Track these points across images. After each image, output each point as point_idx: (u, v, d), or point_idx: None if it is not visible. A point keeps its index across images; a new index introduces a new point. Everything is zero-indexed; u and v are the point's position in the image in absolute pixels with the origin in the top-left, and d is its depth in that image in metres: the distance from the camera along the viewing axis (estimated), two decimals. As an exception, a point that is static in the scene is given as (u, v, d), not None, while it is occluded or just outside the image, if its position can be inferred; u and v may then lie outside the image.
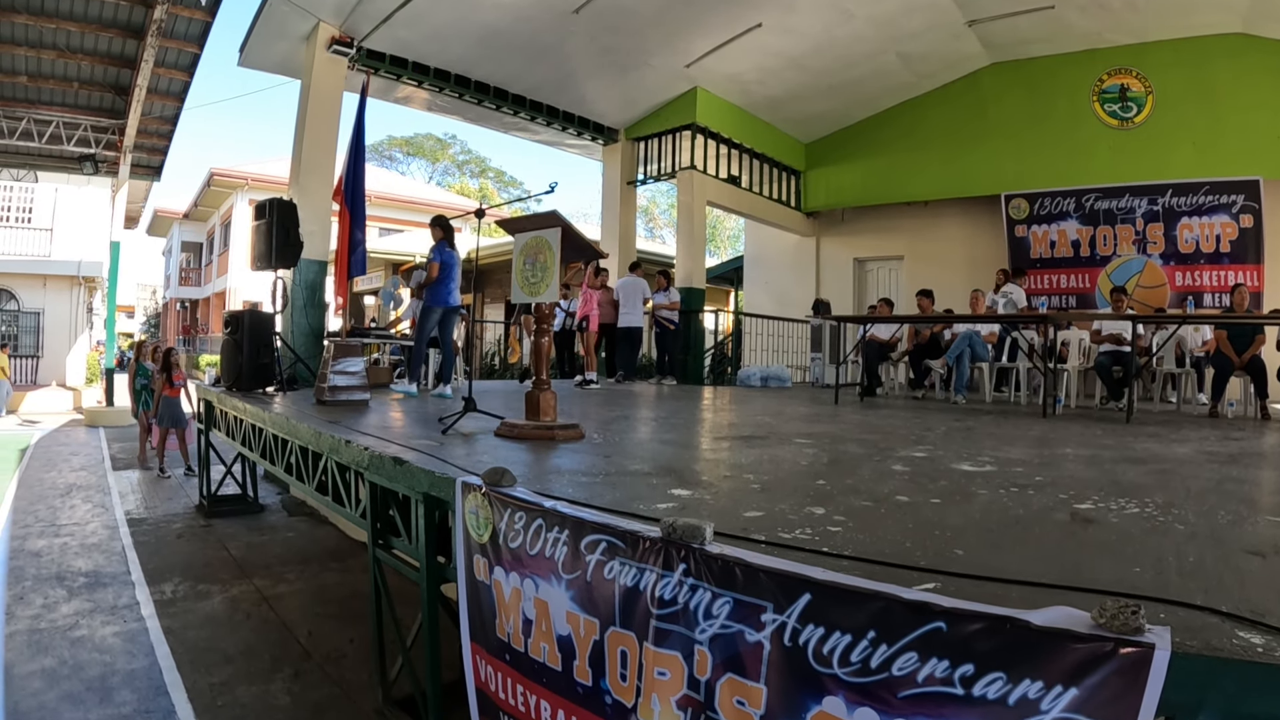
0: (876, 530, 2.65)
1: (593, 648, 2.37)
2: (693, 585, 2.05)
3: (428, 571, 3.52)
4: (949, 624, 1.62)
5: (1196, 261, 13.51)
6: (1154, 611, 1.74)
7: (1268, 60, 12.94)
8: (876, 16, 13.04)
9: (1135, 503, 3.26)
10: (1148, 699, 1.43)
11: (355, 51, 11.46)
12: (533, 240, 4.84)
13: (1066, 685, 1.50)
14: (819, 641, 1.79)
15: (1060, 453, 5.10)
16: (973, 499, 3.28)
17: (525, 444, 4.58)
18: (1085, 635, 1.50)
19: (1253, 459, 5.27)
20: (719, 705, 2.00)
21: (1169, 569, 2.27)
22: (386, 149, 50.64)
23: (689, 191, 15.00)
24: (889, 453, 4.75)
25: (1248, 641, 1.61)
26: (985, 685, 1.57)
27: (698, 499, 3.07)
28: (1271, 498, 3.75)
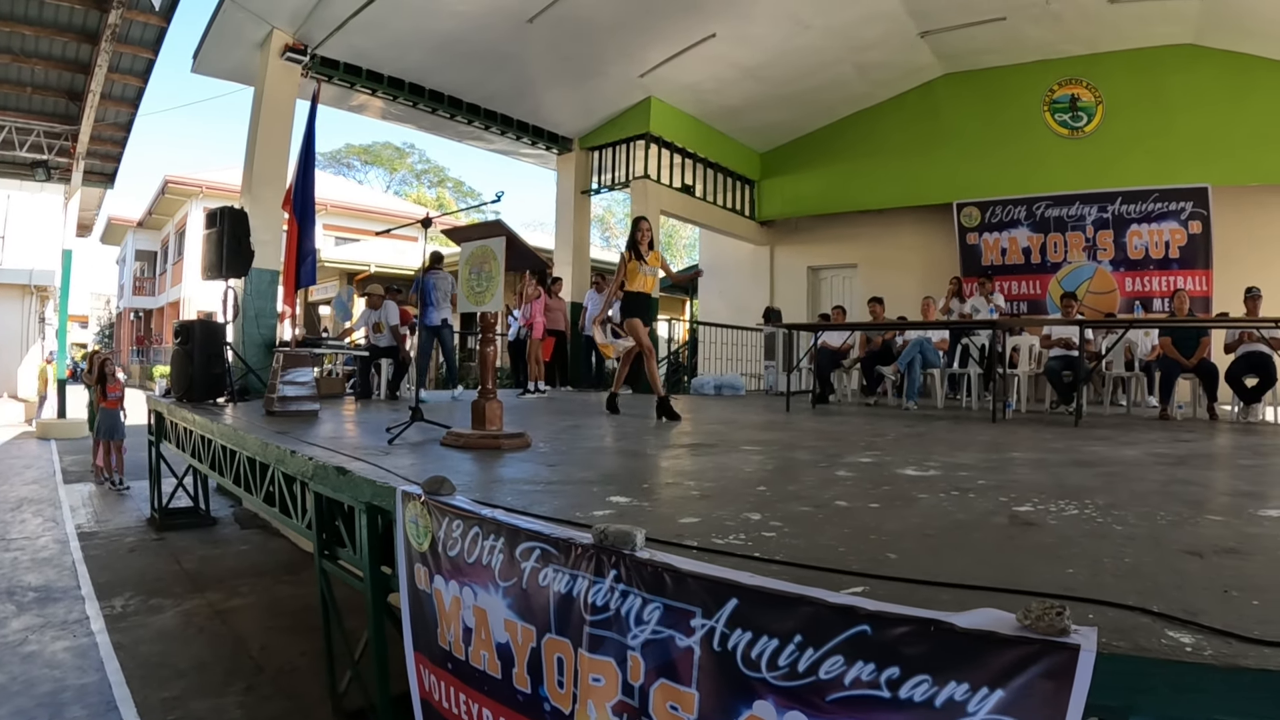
0: (812, 535, 2.67)
1: (530, 655, 2.37)
2: (624, 591, 2.06)
3: (372, 582, 3.50)
4: (874, 627, 1.62)
5: (1146, 267, 13.82)
6: (1083, 612, 1.77)
7: (1217, 70, 13.31)
8: (832, 27, 13.21)
9: (1076, 505, 3.30)
10: (1075, 699, 1.44)
11: (309, 59, 11.41)
12: (478, 250, 4.86)
13: (993, 687, 1.50)
14: (747, 646, 1.80)
15: (1007, 457, 5.15)
16: (914, 504, 3.31)
17: (471, 453, 4.58)
18: (1011, 637, 1.50)
19: (1200, 460, 5.35)
20: (653, 710, 2.00)
21: (1104, 570, 2.30)
22: (344, 156, 50.49)
23: (642, 201, 15.06)
24: (836, 459, 4.78)
25: (1177, 641, 1.63)
26: (912, 688, 1.57)
27: (636, 506, 3.09)
28: (1216, 498, 3.83)
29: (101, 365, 12.02)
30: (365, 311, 11.26)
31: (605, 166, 15.99)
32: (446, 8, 11.19)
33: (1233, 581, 2.17)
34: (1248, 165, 13.19)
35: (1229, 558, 2.46)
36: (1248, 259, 12.83)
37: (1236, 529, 2.91)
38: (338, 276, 22.69)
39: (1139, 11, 12.76)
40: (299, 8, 10.77)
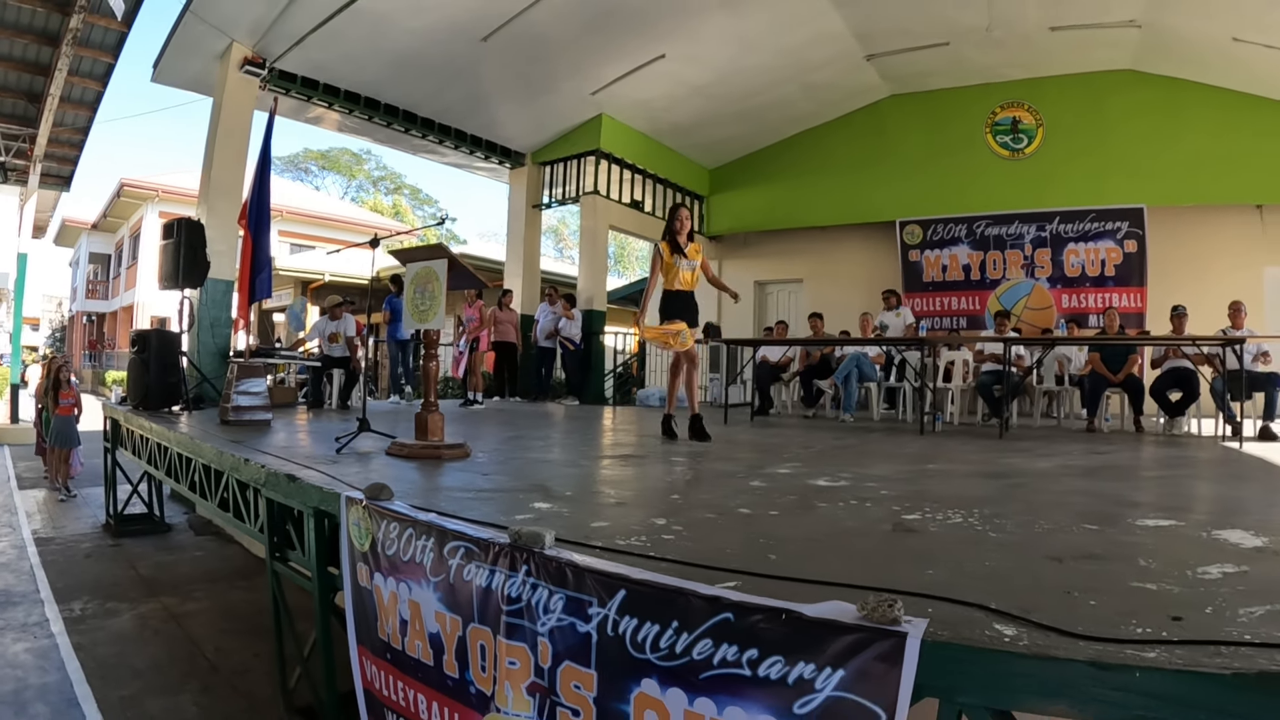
0: (708, 539, 2.96)
1: (458, 643, 2.65)
2: (534, 584, 2.36)
3: (319, 581, 3.76)
4: (736, 615, 1.91)
5: (1082, 285, 14.25)
6: (924, 607, 1.98)
7: (1155, 95, 13.77)
8: (779, 48, 13.48)
9: (964, 514, 3.56)
10: (904, 679, 1.69)
11: (267, 72, 11.57)
12: (423, 270, 5.17)
13: (835, 667, 1.75)
14: (634, 631, 2.08)
15: (922, 468, 5.47)
16: (811, 511, 3.60)
17: (414, 462, 4.88)
18: (850, 625, 1.76)
19: (1108, 472, 5.64)
20: (560, 690, 2.29)
21: (963, 572, 2.55)
22: (302, 161, 50.25)
23: (592, 216, 15.33)
24: (755, 470, 5.09)
25: (999, 633, 1.86)
26: (768, 667, 1.84)
27: (555, 511, 3.39)
28: (1103, 508, 4.00)
29: (56, 372, 11.96)
30: (320, 321, 11.42)
31: (557, 181, 16.16)
32: (402, 24, 11.38)
33: (1081, 584, 2.40)
34: (1182, 186, 13.65)
35: (1087, 563, 2.72)
36: (1181, 277, 13.25)
37: (1109, 537, 3.17)
38: (292, 285, 22.66)
39: (1080, 38, 13.17)
40: (258, 21, 10.93)
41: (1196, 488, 5.21)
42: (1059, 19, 12.68)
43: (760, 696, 1.86)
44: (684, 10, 12.08)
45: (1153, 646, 1.77)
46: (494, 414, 10.54)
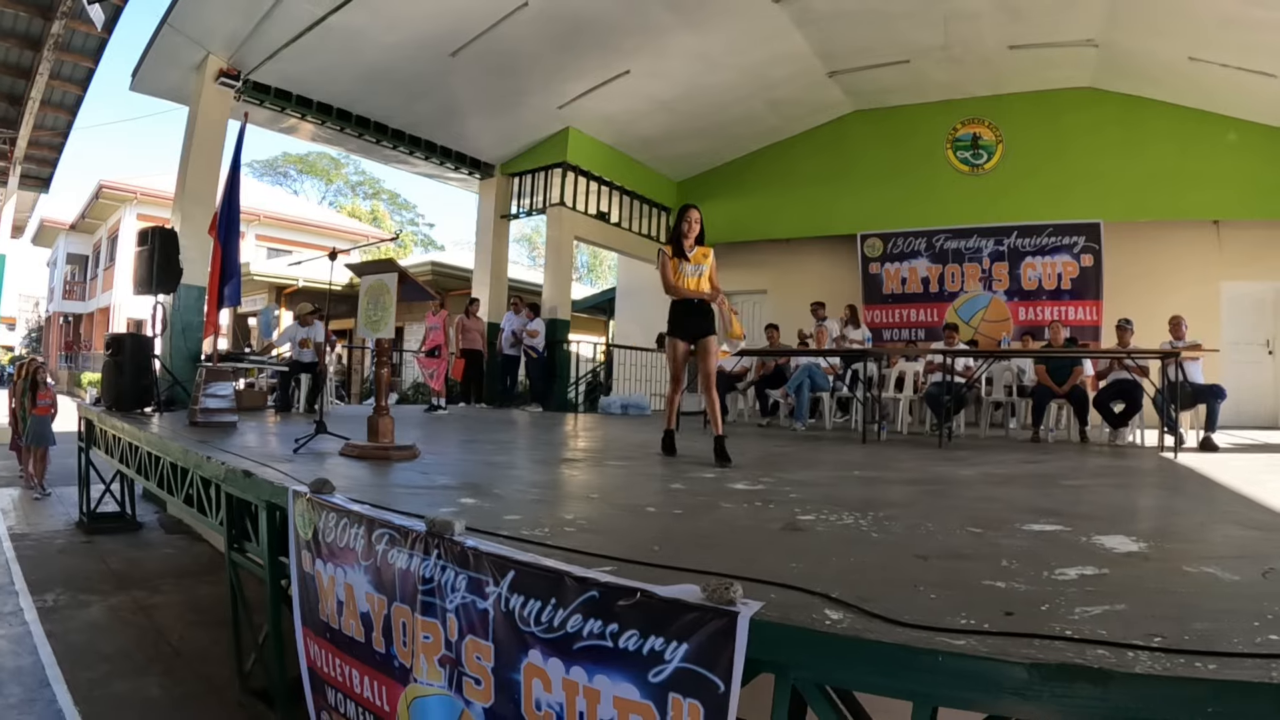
0: (606, 532, 3.29)
1: (384, 621, 2.99)
2: (443, 566, 2.70)
3: (271, 569, 4.10)
4: (602, 594, 2.22)
5: (1039, 298, 14.56)
6: (768, 593, 2.21)
7: (1114, 112, 14.17)
8: (742, 65, 13.81)
9: (857, 516, 3.78)
10: (737, 653, 1.92)
11: (242, 84, 11.87)
12: (375, 283, 5.56)
13: (681, 641, 2.02)
14: (521, 607, 2.41)
15: (847, 474, 5.78)
16: (714, 511, 3.93)
17: (364, 462, 5.25)
18: (694, 604, 2.01)
19: (1027, 480, 5.90)
20: (465, 661, 2.62)
21: (828, 565, 2.77)
22: (280, 165, 50.16)
23: (557, 227, 15.61)
24: (682, 474, 5.42)
25: (826, 617, 2.06)
26: (626, 640, 2.12)
27: (478, 505, 3.73)
28: (1000, 513, 4.14)
29: (34, 373, 12.20)
30: (291, 327, 11.72)
31: (525, 192, 16.40)
32: (373, 39, 11.68)
33: (933, 580, 2.60)
34: (1139, 202, 14.04)
35: (951, 561, 2.91)
36: (1139, 291, 13.58)
37: (987, 539, 3.34)
38: (266, 289, 22.88)
39: (1039, 56, 13.51)
40: (234, 34, 11.24)
41: (1106, 496, 5.30)
42: (1017, 38, 13.00)
43: (621, 666, 2.14)
44: (647, 29, 12.39)
45: (965, 635, 1.94)
46: (456, 420, 10.84)
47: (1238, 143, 13.49)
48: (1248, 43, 11.37)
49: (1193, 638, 1.93)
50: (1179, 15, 11.36)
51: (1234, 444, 9.84)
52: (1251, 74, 12.06)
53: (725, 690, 1.96)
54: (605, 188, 16.78)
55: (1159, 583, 2.66)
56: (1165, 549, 3.26)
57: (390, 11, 11.08)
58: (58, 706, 4.73)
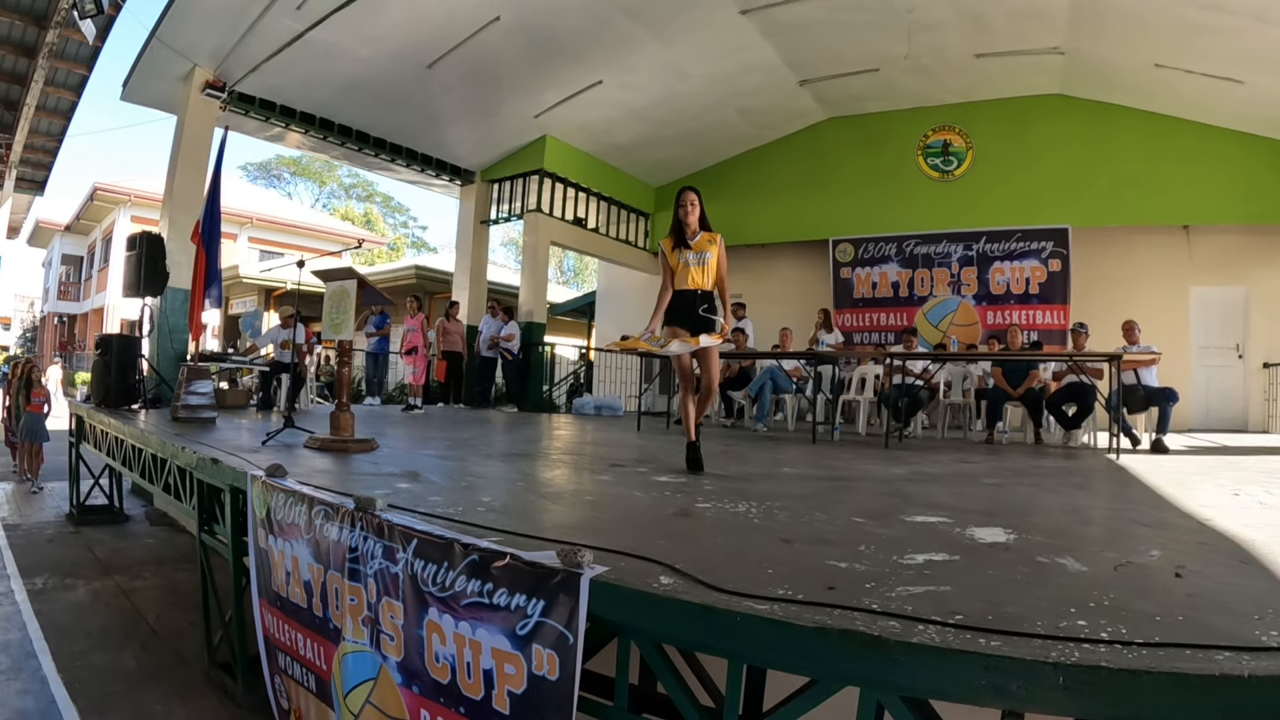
0: (513, 513, 3.64)
1: (321, 588, 3.42)
2: (365, 537, 3.14)
3: (234, 547, 4.53)
4: (480, 558, 2.65)
5: (1007, 302, 14.81)
6: (617, 561, 2.55)
7: (1082, 119, 14.40)
8: (713, 75, 14.12)
9: (755, 505, 4.02)
10: (581, 608, 2.32)
11: (227, 94, 12.30)
12: (337, 289, 6.05)
13: (539, 598, 2.42)
14: (422, 570, 2.83)
15: (774, 471, 6.03)
16: (624, 500, 4.26)
17: (325, 454, 5.71)
18: (550, 567, 2.42)
19: (949, 478, 5.91)
20: (382, 620, 3.04)
21: (692, 544, 3.02)
22: (274, 168, 50.14)
23: (534, 232, 15.88)
24: (617, 467, 5.83)
25: (660, 582, 2.34)
26: (499, 597, 2.53)
27: (410, 489, 4.16)
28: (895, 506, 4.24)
29: (28, 371, 12.64)
30: (274, 329, 12.16)
31: (504, 198, 16.70)
32: (351, 53, 12.07)
33: (782, 559, 2.82)
34: (1107, 208, 14.24)
35: (812, 545, 3.09)
36: (1110, 296, 13.86)
37: (863, 528, 3.49)
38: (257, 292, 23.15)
39: (1007, 64, 13.73)
40: (219, 47, 11.68)
41: (1016, 494, 5.19)
42: (983, 47, 13.23)
43: (496, 620, 2.53)
44: (615, 41, 12.71)
45: (769, 603, 2.15)
46: (429, 419, 11.21)
47: (1206, 148, 13.68)
48: (1212, 49, 11.57)
49: (996, 618, 2.06)
50: (1142, 23, 11.55)
51: (1189, 446, 10.06)
52: (1217, 80, 12.25)
53: (574, 642, 2.33)
54: (582, 194, 17.09)
55: (1001, 570, 2.76)
56: (1033, 541, 3.33)
57: (366, 26, 11.43)
58: (42, 674, 5.18)
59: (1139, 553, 3.12)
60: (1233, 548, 3.31)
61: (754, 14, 12.35)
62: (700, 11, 12.26)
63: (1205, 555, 3.18)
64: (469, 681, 2.65)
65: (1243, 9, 10.38)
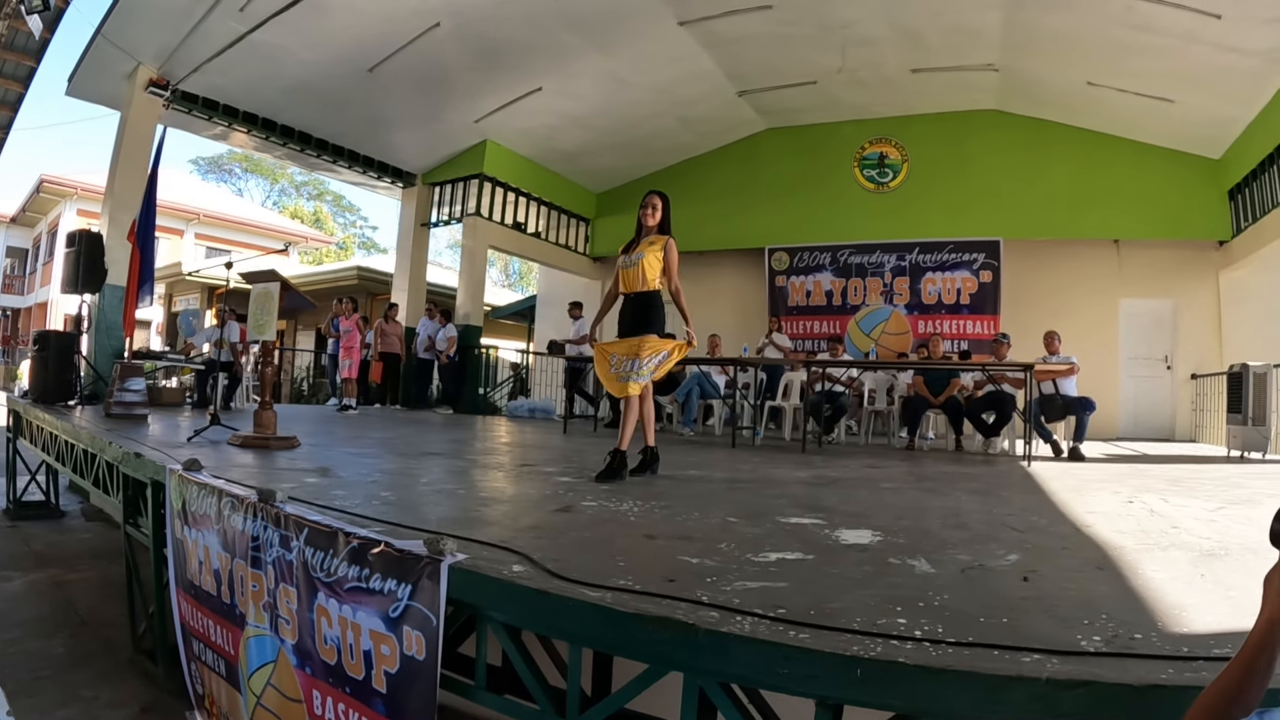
0: (406, 507, 3.89)
1: (229, 575, 3.64)
2: (265, 526, 3.36)
3: (155, 538, 4.72)
4: (359, 545, 2.86)
5: (939, 312, 15.16)
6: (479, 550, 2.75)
7: (1016, 134, 14.81)
8: (653, 84, 14.33)
9: (638, 504, 4.20)
10: (441, 592, 2.52)
11: (170, 93, 12.37)
12: (261, 291, 6.30)
13: (407, 582, 2.62)
14: (312, 557, 3.04)
15: (679, 473, 6.11)
16: (513, 496, 4.53)
17: (247, 450, 5.96)
18: (416, 554, 2.62)
19: (847, 483, 6.04)
20: (279, 604, 3.25)
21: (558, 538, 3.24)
22: (226, 163, 49.31)
23: (473, 236, 16.07)
24: (529, 466, 6.10)
25: (511, 570, 2.55)
26: (375, 582, 2.72)
27: (316, 484, 4.41)
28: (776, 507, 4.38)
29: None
30: (210, 328, 12.26)
31: (445, 201, 16.82)
32: (294, 55, 12.20)
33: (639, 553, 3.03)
34: (1037, 221, 14.62)
35: (675, 541, 3.28)
36: (1042, 307, 14.07)
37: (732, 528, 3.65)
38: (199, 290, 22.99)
39: (943, 79, 14.07)
40: (164, 46, 11.77)
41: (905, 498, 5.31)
42: (919, 62, 13.55)
43: (373, 603, 2.73)
44: (554, 49, 12.87)
45: (604, 591, 2.31)
46: (362, 419, 11.38)
47: (1137, 164, 14.09)
48: (1143, 68, 11.89)
49: (820, 614, 2.16)
50: (1072, 42, 11.86)
51: (1108, 454, 10.33)
52: (1149, 98, 12.59)
53: (436, 624, 2.52)
54: (523, 198, 17.22)
55: (845, 570, 2.87)
56: (894, 543, 3.42)
57: (308, 30, 11.55)
58: (-27, 661, 5.38)
59: (995, 557, 3.22)
60: (1095, 555, 3.37)
61: (692, 26, 12.53)
62: (639, 22, 12.44)
63: (1063, 561, 3.26)
64: (352, 662, 2.84)
65: (1172, 30, 10.69)
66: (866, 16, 12.21)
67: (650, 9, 12.08)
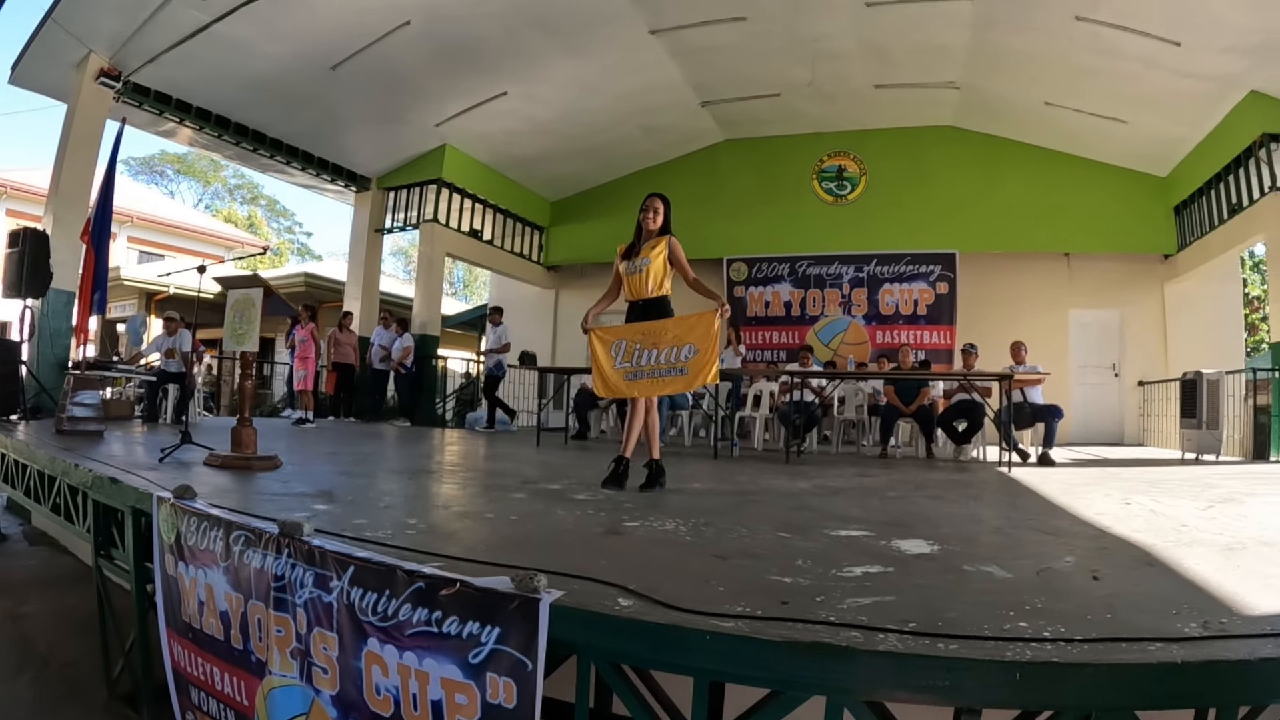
0: (443, 534, 3.59)
1: (241, 619, 3.24)
2: (293, 564, 2.98)
3: (136, 574, 4.28)
4: (427, 585, 2.53)
5: (896, 322, 15.45)
6: (570, 584, 2.48)
7: (972, 150, 15.22)
8: (619, 92, 14.26)
9: (679, 522, 4.06)
10: (541, 634, 2.21)
11: (121, 85, 11.80)
12: (241, 297, 5.85)
13: (495, 625, 2.29)
14: (360, 599, 2.70)
15: (685, 487, 6.00)
16: (547, 517, 4.21)
17: (227, 471, 5.49)
18: (504, 593, 2.28)
19: (853, 492, 6.10)
20: (313, 651, 2.89)
21: (633, 563, 3.03)
22: (158, 164, 48.02)
23: (430, 243, 15.72)
24: (528, 484, 5.72)
25: (618, 604, 2.34)
26: (449, 625, 2.41)
27: (329, 510, 4.02)
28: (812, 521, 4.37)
29: None
30: (159, 336, 11.67)
31: (400, 206, 16.46)
32: (257, 49, 11.73)
33: (725, 576, 2.85)
34: (993, 234, 15.06)
35: (746, 560, 3.16)
36: (994, 318, 14.40)
37: (789, 543, 3.59)
38: (137, 296, 22.13)
39: (904, 95, 14.35)
40: (117, 34, 11.19)
41: (923, 506, 5.39)
42: (884, 78, 13.80)
43: (446, 649, 2.39)
44: (526, 52, 12.67)
45: (734, 620, 2.19)
46: (324, 433, 10.92)
47: (1089, 181, 14.66)
48: (1100, 90, 12.35)
49: (945, 624, 2.19)
50: (1038, 63, 12.22)
51: (1074, 459, 10.55)
52: (1103, 119, 13.13)
53: (533, 668, 2.23)
54: (479, 205, 16.95)
55: (934, 579, 2.93)
56: (954, 551, 3.51)
57: (275, 23, 11.17)
58: (-68, 713, 4.87)
59: (1054, 559, 3.36)
60: (1136, 552, 3.57)
61: (664, 34, 12.51)
62: (612, 28, 12.35)
63: (1113, 560, 3.42)
64: (415, 713, 2.54)
65: (1133, 55, 11.27)
66: (838, 31, 12.39)
67: (624, 15, 12.03)
